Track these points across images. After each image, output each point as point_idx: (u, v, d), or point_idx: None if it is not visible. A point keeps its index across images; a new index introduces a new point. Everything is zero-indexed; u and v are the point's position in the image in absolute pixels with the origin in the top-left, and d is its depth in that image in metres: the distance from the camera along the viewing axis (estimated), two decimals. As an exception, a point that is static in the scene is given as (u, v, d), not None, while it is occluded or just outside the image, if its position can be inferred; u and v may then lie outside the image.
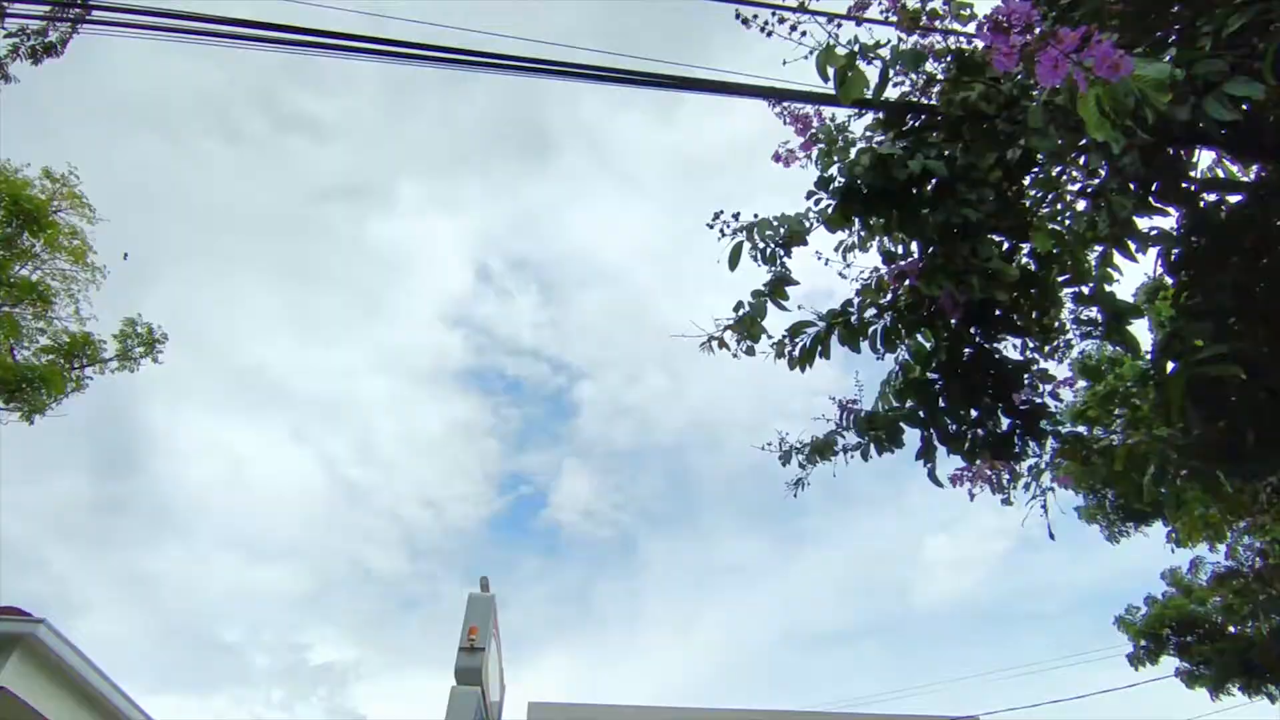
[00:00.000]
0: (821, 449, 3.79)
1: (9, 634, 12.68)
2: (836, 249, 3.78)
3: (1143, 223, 2.79)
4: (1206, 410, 2.61)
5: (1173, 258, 2.90)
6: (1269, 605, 11.50)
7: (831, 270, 3.60)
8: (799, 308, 3.67)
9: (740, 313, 3.48)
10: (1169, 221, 2.93)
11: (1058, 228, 3.08)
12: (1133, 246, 2.77)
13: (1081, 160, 2.79)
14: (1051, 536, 3.49)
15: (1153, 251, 3.15)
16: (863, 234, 3.69)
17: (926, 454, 3.60)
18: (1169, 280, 3.57)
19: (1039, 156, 3.25)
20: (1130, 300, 3.59)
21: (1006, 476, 3.59)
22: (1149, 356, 3.15)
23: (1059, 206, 3.33)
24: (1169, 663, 12.94)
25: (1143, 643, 12.65)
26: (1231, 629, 12.34)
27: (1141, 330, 3.65)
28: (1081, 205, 2.99)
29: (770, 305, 3.46)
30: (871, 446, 3.67)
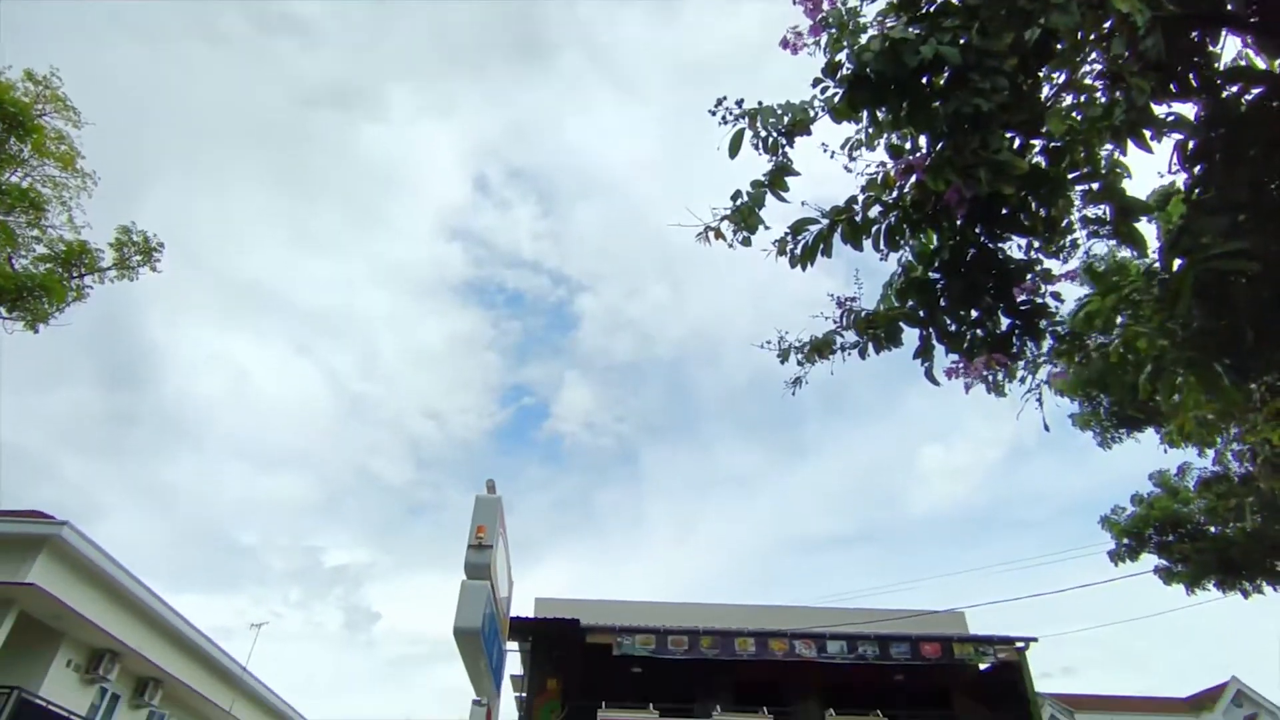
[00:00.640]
0: (820, 347, 3.81)
1: (35, 535, 13.24)
2: (843, 146, 3.67)
3: (1160, 110, 2.69)
4: (1211, 306, 2.61)
5: (1189, 150, 2.82)
6: (1252, 506, 11.86)
7: (835, 169, 3.51)
8: (802, 204, 3.61)
9: (738, 202, 3.42)
10: (1188, 110, 2.83)
11: (1072, 116, 2.98)
12: (1148, 135, 2.68)
13: (1103, 44, 2.66)
14: (1046, 428, 3.56)
15: (1166, 151, 3.07)
16: (870, 129, 3.58)
17: (925, 353, 3.62)
18: (1181, 186, 3.48)
19: (1058, 45, 3.11)
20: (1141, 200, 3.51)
21: (1002, 374, 3.63)
22: (1155, 254, 3.10)
23: (1075, 101, 3.22)
24: (1149, 561, 13.51)
25: (1125, 541, 13.13)
26: (1213, 529, 12.79)
27: (1150, 235, 3.59)
28: (1099, 92, 2.87)
29: (770, 197, 3.40)
30: (870, 345, 3.69)
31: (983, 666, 18.10)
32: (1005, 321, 3.67)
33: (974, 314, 3.70)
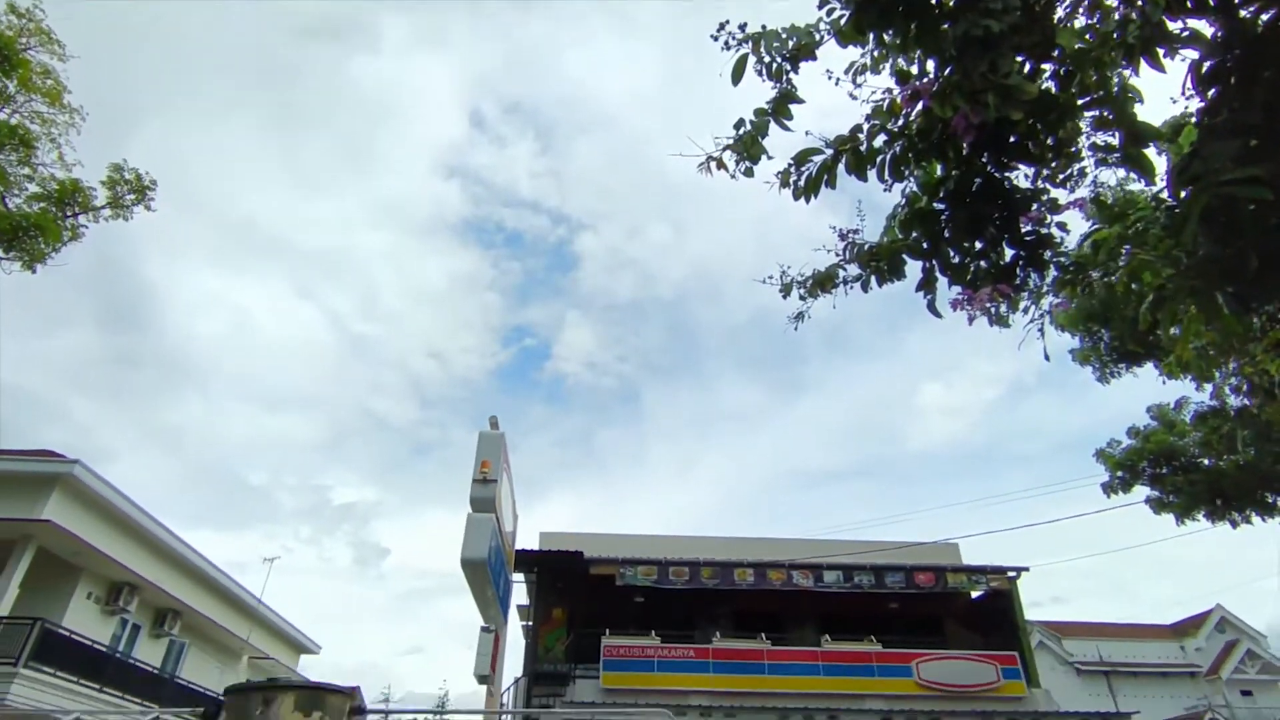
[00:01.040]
0: (822, 281, 3.79)
1: (48, 473, 13.48)
2: (847, 71, 3.57)
3: (1175, 27, 2.61)
4: (1217, 233, 2.58)
5: (1203, 71, 2.74)
6: (1246, 439, 12.01)
7: (840, 100, 3.42)
8: (806, 134, 3.54)
9: (741, 131, 3.35)
10: (1203, 27, 2.75)
11: (1084, 37, 2.89)
12: (1161, 53, 2.61)
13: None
14: (1046, 358, 3.57)
15: (1179, 75, 2.99)
16: (876, 53, 3.48)
17: (927, 285, 3.61)
18: (1194, 117, 3.40)
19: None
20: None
21: (1005, 306, 3.62)
22: (1164, 180, 3.06)
23: (1089, 22, 3.12)
24: (1140, 494, 13.75)
25: (1119, 474, 13.33)
26: (1206, 462, 12.98)
27: (1160, 167, 3.53)
28: (1114, 8, 2.78)
29: (773, 126, 3.33)
30: (872, 278, 3.67)
31: (975, 595, 18.66)
32: (1010, 253, 3.65)
33: (978, 245, 3.67)
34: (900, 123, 3.51)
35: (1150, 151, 3.14)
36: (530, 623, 17.76)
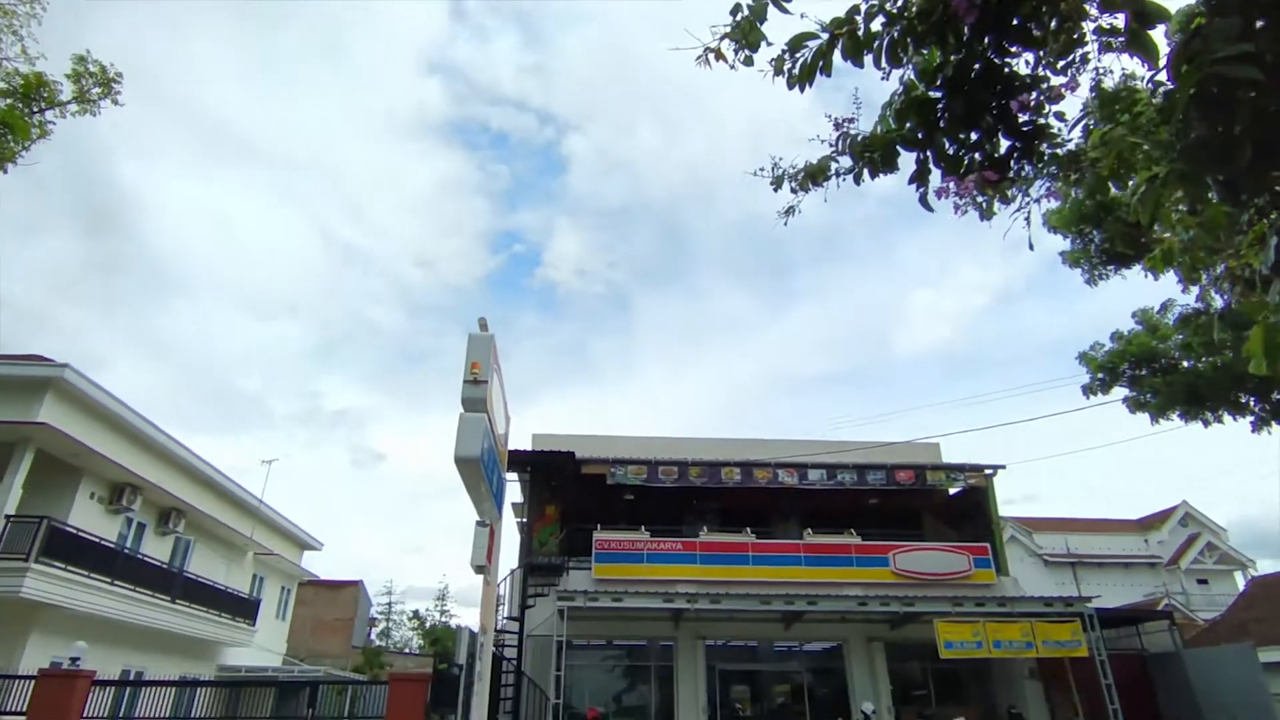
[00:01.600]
0: (814, 173, 3.73)
1: (39, 377, 13.51)
2: (847, -51, 3.39)
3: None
4: (1211, 115, 2.54)
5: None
6: (1225, 339, 12.21)
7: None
8: (801, 16, 3.39)
9: (738, 17, 3.21)
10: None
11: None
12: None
13: None
14: (1031, 248, 3.57)
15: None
16: (877, -73, 3.29)
17: (920, 177, 3.56)
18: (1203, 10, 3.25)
19: None
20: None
21: (994, 199, 3.59)
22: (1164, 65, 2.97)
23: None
24: (1118, 395, 14.09)
25: (1100, 375, 13.61)
26: (1185, 364, 13.24)
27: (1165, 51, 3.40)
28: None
29: (771, 9, 3.19)
30: (865, 170, 3.61)
31: (952, 491, 19.40)
32: (1005, 144, 3.59)
33: (973, 136, 3.61)
34: (899, 3, 3.36)
35: (1157, 35, 3.03)
36: (525, 519, 18.40)
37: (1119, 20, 3.25)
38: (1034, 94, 3.35)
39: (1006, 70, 3.42)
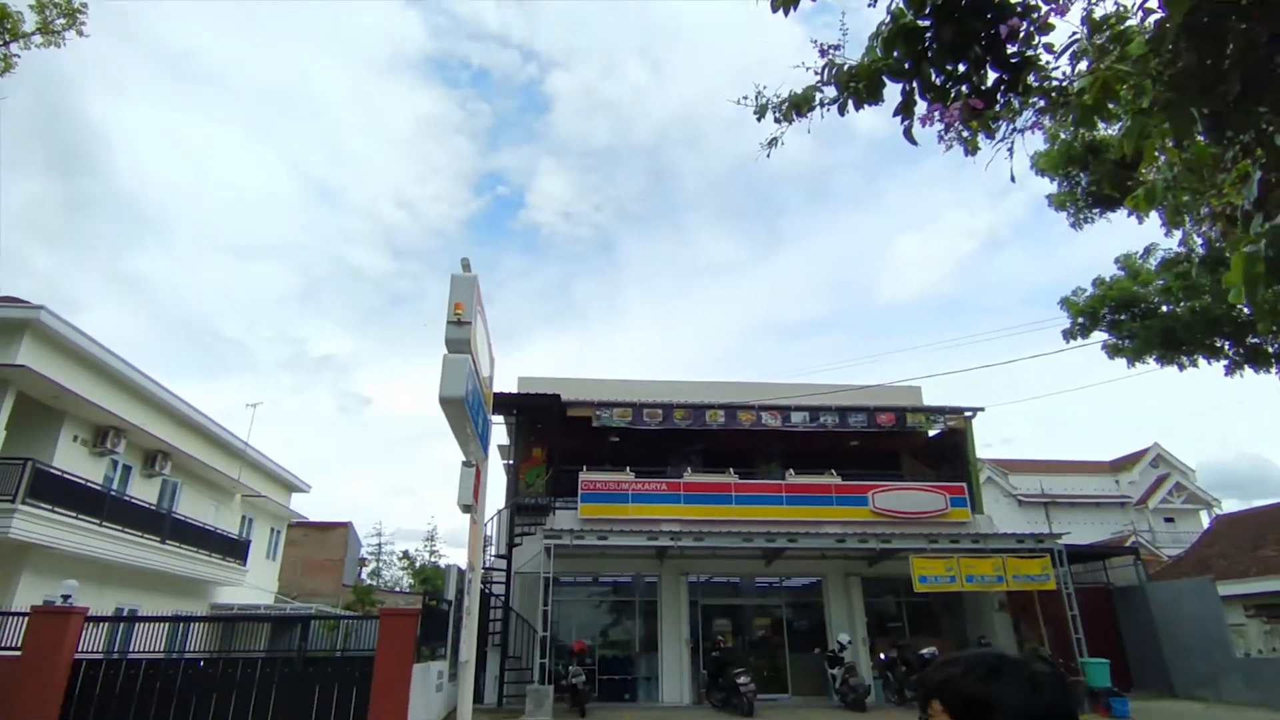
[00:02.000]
0: (799, 103, 3.66)
1: (15, 319, 13.29)
2: None
3: None
4: (1201, 44, 2.50)
5: None
6: (1205, 285, 12.35)
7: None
8: (789, -63, 3.28)
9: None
10: None
11: None
12: None
13: None
14: (1013, 179, 3.56)
15: None
16: None
17: (906, 109, 3.50)
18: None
19: None
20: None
21: (979, 132, 3.55)
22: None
23: None
24: (1098, 340, 14.28)
25: (1080, 320, 13.76)
26: (1164, 308, 13.41)
27: None
28: None
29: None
30: (849, 101, 3.55)
31: (932, 433, 19.77)
32: (992, 76, 3.53)
33: (961, 68, 3.54)
34: (890, -76, 3.26)
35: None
36: (511, 461, 18.59)
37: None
38: (1024, 22, 3.28)
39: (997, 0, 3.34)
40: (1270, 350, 12.74)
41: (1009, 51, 3.45)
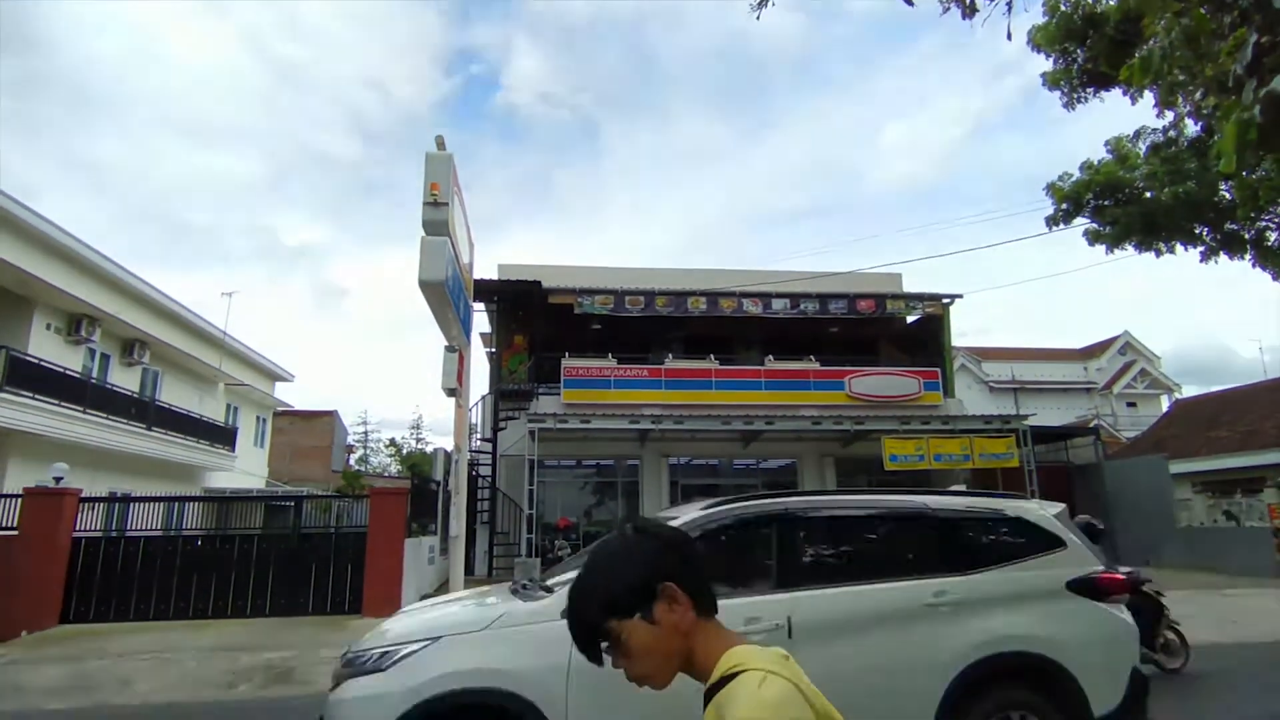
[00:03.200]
0: (788, -42, 3.46)
1: (-34, 201, 12.70)
2: None
3: None
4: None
5: None
6: (1190, 170, 12.29)
7: None
8: None
9: None
10: None
11: None
12: None
13: None
14: (1009, 38, 3.45)
15: None
16: None
17: (901, -35, 3.33)
18: None
19: None
20: None
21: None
22: None
23: None
24: (1079, 227, 14.28)
25: (1064, 205, 13.70)
26: (1148, 194, 13.36)
27: None
28: None
29: None
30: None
31: (910, 319, 20.05)
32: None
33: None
34: None
35: None
36: (494, 349, 18.69)
37: None
38: None
39: None
40: (1246, 236, 12.86)
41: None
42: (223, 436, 21.99)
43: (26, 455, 14.13)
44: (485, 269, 18.01)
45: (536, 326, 18.34)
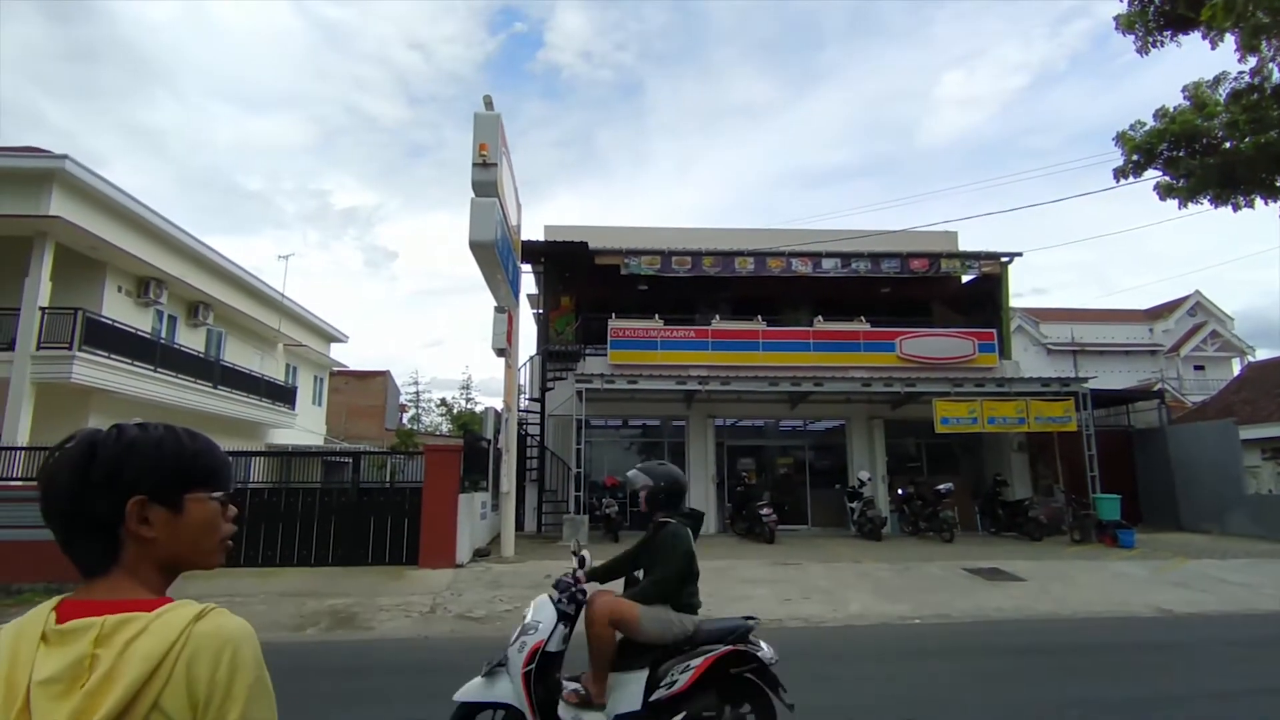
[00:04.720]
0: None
1: (41, 169, 13.33)
2: None
3: None
4: None
5: None
6: (1273, 120, 11.52)
7: None
8: None
9: None
10: None
11: None
12: None
13: None
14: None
15: None
16: None
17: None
18: None
19: None
20: None
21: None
22: None
23: None
24: (1150, 179, 13.53)
25: (1135, 157, 12.99)
26: (1227, 144, 12.56)
27: None
28: None
29: None
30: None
31: (965, 279, 19.46)
32: None
33: None
34: None
35: None
36: (541, 310, 18.84)
37: None
38: None
39: None
40: (1333, 188, 12.07)
41: None
42: (283, 395, 22.81)
43: (104, 412, 14.92)
44: (531, 230, 18.11)
45: (583, 288, 18.40)
